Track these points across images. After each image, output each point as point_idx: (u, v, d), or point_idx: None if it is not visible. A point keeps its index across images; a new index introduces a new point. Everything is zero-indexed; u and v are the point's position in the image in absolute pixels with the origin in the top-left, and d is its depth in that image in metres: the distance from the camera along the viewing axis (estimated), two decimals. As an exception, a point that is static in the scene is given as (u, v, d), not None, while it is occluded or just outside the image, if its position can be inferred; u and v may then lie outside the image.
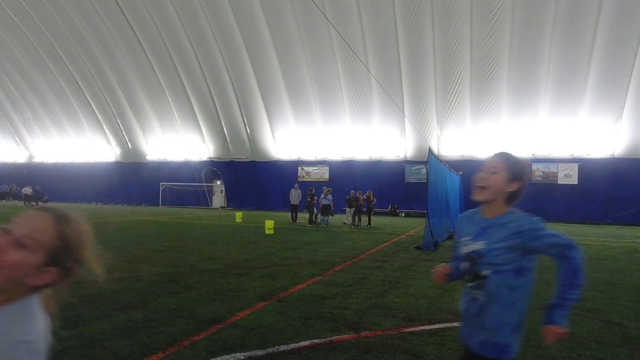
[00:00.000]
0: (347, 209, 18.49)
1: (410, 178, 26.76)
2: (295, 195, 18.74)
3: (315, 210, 17.88)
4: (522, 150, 24.23)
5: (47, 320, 1.10)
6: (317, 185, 23.93)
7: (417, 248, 10.36)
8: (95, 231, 1.19)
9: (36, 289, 1.08)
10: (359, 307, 4.92)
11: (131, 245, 9.84)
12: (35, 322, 1.05)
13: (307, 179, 28.78)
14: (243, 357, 3.35)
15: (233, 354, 3.39)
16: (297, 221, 18.25)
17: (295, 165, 29.61)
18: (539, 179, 24.12)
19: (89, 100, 33.58)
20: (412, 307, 4.98)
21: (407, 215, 26.22)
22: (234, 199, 31.69)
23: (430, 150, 11.15)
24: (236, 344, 3.62)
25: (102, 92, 32.60)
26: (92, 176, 36.64)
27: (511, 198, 1.80)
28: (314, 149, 28.74)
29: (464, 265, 1.83)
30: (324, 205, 17.25)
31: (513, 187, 1.78)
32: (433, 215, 10.82)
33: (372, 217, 18.57)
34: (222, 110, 29.56)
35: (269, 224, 13.43)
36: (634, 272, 7.85)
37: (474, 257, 1.76)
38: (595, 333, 4.19)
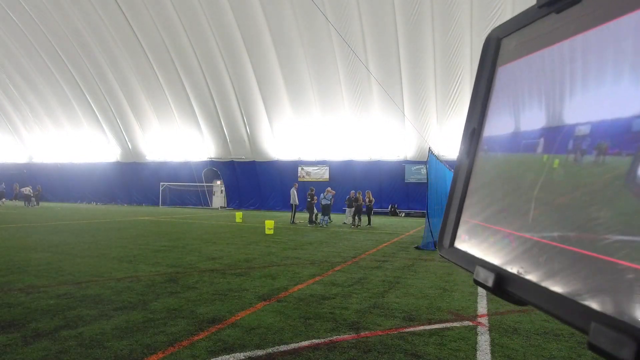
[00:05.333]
0: (347, 209, 18.50)
1: (410, 178, 26.77)
2: (295, 195, 18.76)
3: (315, 210, 17.90)
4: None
5: None
6: (317, 185, 23.95)
7: (417, 248, 10.36)
8: (96, 231, 1.19)
9: None
10: (359, 307, 4.92)
11: (131, 245, 9.84)
12: None
13: (307, 179, 28.80)
14: (243, 357, 3.35)
15: (233, 354, 3.39)
16: (297, 221, 18.24)
17: (295, 165, 29.63)
18: (539, 179, 24.09)
19: (89, 100, 33.60)
20: (412, 307, 4.99)
21: (407, 215, 26.22)
22: (234, 199, 31.71)
23: (430, 150, 11.14)
24: (236, 344, 3.62)
25: (102, 92, 32.62)
26: (92, 176, 36.69)
27: None
28: (314, 149, 28.76)
29: None
30: (324, 205, 17.26)
31: None
32: (433, 215, 10.82)
33: (372, 217, 18.58)
34: (222, 110, 29.57)
35: (269, 224, 13.44)
36: (634, 272, 7.84)
37: None
38: (595, 333, 4.19)
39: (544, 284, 0.37)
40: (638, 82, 0.31)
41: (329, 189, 18.00)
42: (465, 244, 0.52)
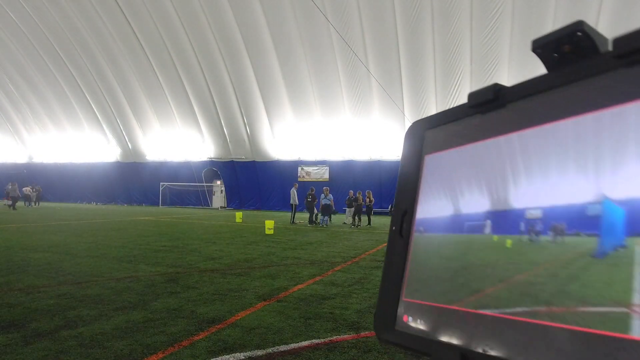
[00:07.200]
0: (347, 209, 18.50)
1: (410, 178, 26.75)
2: (295, 195, 18.77)
3: (315, 211, 17.90)
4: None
5: None
6: (317, 185, 23.95)
7: (417, 248, 10.35)
8: (96, 231, 1.19)
9: None
10: (359, 307, 4.92)
11: (131, 245, 9.84)
12: None
13: (307, 179, 28.79)
14: (243, 357, 3.35)
15: (233, 354, 3.39)
16: (297, 221, 18.23)
17: (295, 165, 29.63)
18: (539, 179, 24.11)
19: (89, 100, 33.61)
20: (412, 307, 4.98)
21: (407, 215, 26.20)
22: (234, 199, 31.70)
23: (430, 150, 11.15)
24: (236, 344, 3.62)
25: (102, 92, 32.63)
26: (92, 176, 36.70)
27: None
28: (314, 148, 28.76)
29: None
30: (324, 205, 17.26)
31: None
32: (433, 215, 10.80)
33: (372, 217, 18.58)
34: (222, 110, 29.58)
35: (269, 224, 13.44)
36: (634, 272, 7.84)
37: None
38: (595, 333, 4.19)
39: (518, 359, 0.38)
40: (585, 175, 0.37)
41: (327, 189, 17.99)
42: (412, 325, 0.49)
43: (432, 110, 24.91)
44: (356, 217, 17.34)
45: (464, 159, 0.49)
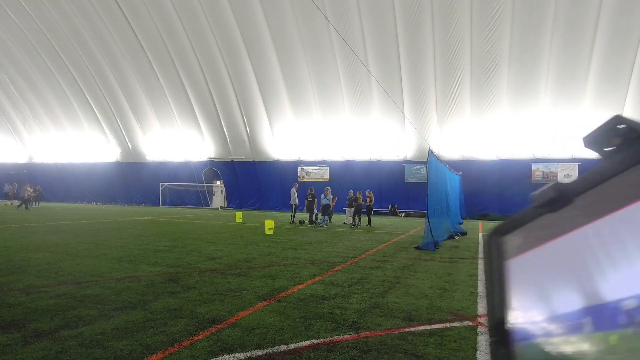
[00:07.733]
0: (347, 209, 18.51)
1: (410, 178, 26.77)
2: (295, 195, 18.77)
3: (315, 211, 17.91)
4: (522, 151, 24.28)
5: None
6: (317, 185, 23.95)
7: (417, 248, 10.35)
8: (96, 231, 1.18)
9: None
10: (359, 307, 4.92)
11: (131, 245, 9.84)
12: None
13: (307, 179, 28.79)
14: (243, 357, 3.35)
15: (233, 354, 3.39)
16: (296, 221, 18.23)
17: (295, 165, 29.63)
18: (539, 179, 24.12)
19: (89, 100, 33.61)
20: (412, 307, 4.98)
21: (407, 215, 26.21)
22: (234, 199, 31.71)
23: (430, 150, 11.14)
24: (236, 344, 3.62)
25: (102, 92, 32.63)
26: (92, 176, 36.70)
27: None
28: (314, 149, 28.77)
29: None
30: (324, 205, 17.27)
31: None
32: (433, 215, 10.82)
33: (372, 217, 18.58)
34: (222, 110, 29.58)
35: (269, 224, 13.44)
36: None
37: None
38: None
39: None
40: None
41: (328, 189, 17.99)
42: None
43: (432, 110, 24.93)
44: (356, 217, 17.34)
45: (545, 258, 0.49)
